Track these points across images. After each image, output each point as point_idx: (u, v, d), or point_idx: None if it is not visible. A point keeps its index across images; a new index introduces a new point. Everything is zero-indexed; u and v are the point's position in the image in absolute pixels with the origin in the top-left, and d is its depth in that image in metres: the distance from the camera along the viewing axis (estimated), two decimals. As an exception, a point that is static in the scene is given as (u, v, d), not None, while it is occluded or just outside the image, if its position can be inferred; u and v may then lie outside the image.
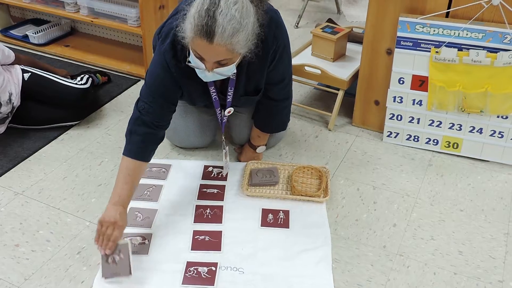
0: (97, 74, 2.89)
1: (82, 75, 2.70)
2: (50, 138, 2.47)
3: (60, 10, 3.17)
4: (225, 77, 1.81)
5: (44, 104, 2.50)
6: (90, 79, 2.68)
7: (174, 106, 1.96)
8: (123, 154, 1.85)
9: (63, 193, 2.14)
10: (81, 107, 2.58)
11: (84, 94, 2.54)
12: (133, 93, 2.89)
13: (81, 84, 2.55)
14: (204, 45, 1.62)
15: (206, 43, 1.60)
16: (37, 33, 3.37)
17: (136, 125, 1.87)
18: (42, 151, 2.39)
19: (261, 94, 2.08)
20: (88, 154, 2.38)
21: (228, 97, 2.01)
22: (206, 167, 2.26)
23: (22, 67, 2.50)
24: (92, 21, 3.07)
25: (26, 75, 2.46)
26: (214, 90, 2.00)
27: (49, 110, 2.50)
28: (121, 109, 2.72)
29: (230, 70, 1.76)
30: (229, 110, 2.07)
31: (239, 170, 2.25)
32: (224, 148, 2.18)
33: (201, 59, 1.69)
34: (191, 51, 1.70)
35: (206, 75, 1.76)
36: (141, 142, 1.86)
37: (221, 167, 2.26)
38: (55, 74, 2.60)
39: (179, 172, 2.24)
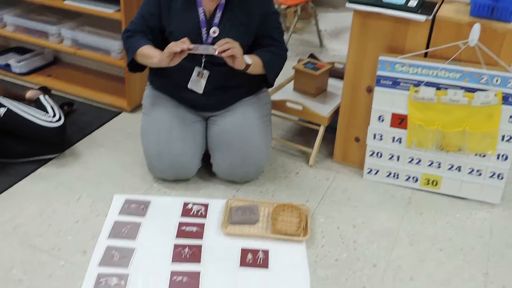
0: (65, 107, 2.89)
1: (52, 107, 2.60)
2: (28, 172, 2.44)
3: (44, 40, 3.16)
4: None
5: (21, 138, 2.46)
6: (60, 111, 2.59)
7: (151, 23, 2.28)
8: (136, 51, 2.23)
9: (39, 230, 2.11)
10: (58, 143, 2.56)
11: (60, 132, 2.49)
12: (114, 126, 2.87)
13: (56, 121, 2.48)
14: None
15: None
16: (20, 62, 3.36)
17: (128, 37, 2.29)
18: (18, 186, 2.35)
19: (248, 41, 2.29)
20: (66, 189, 2.35)
21: (216, 18, 2.22)
22: (185, 204, 2.24)
23: None
24: (75, 53, 3.07)
25: (2, 110, 2.41)
26: (202, 10, 2.22)
27: (27, 144, 2.47)
28: (101, 143, 2.70)
29: None
30: (214, 30, 2.23)
31: (219, 207, 2.23)
32: (202, 69, 2.28)
33: None
34: None
35: None
36: (141, 37, 2.27)
37: (201, 204, 2.25)
38: (24, 99, 2.62)
39: (158, 209, 2.22)
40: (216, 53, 2.10)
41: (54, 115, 2.51)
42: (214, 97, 2.34)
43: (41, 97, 2.66)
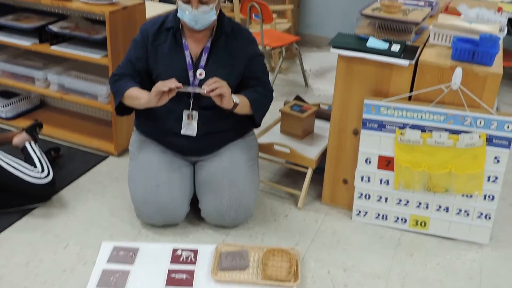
0: (52, 152, 2.87)
1: (39, 159, 2.54)
2: (13, 220, 2.40)
3: (30, 85, 3.17)
4: (210, 22, 2.20)
5: (7, 191, 2.41)
6: (48, 165, 2.53)
7: (139, 67, 2.31)
8: (123, 94, 2.25)
9: (25, 281, 2.06)
10: (46, 197, 2.53)
11: (48, 187, 2.46)
12: (102, 170, 2.86)
13: (45, 177, 2.43)
14: None
15: None
16: (6, 106, 3.35)
17: (115, 81, 2.31)
18: (3, 235, 2.32)
19: (234, 83, 2.31)
20: (52, 237, 2.32)
21: (202, 61, 2.26)
22: (174, 250, 2.22)
23: None
24: (62, 97, 3.07)
25: None
26: (189, 54, 2.27)
27: (11, 195, 2.42)
28: (88, 188, 2.68)
29: (212, 13, 2.17)
30: (200, 72, 2.26)
31: (208, 253, 2.22)
32: (190, 111, 2.29)
33: (187, 2, 2.13)
34: (178, 3, 2.17)
35: (195, 17, 2.15)
36: (128, 80, 2.29)
37: (191, 250, 2.23)
38: (9, 141, 2.64)
39: (147, 256, 2.20)
40: (205, 92, 2.12)
41: (43, 170, 2.45)
42: (202, 142, 2.34)
43: (27, 145, 2.63)
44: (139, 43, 2.32)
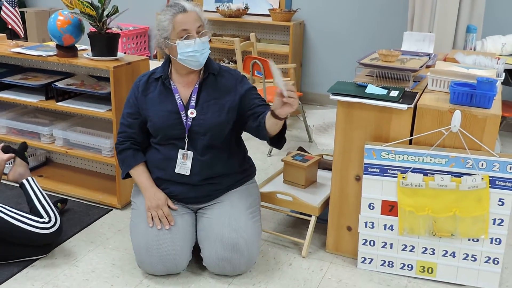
0: (58, 204, 2.87)
1: (44, 207, 2.50)
2: (14, 272, 2.37)
3: (36, 141, 3.21)
4: (207, 54, 2.30)
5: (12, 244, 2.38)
6: (54, 210, 2.50)
7: (135, 118, 2.41)
8: (129, 169, 2.41)
9: (23, 332, 2.02)
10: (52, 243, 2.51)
11: (55, 236, 2.44)
12: (105, 222, 2.84)
13: (50, 227, 2.40)
14: (183, 16, 2.23)
15: (183, 14, 2.23)
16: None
17: (120, 146, 2.43)
18: (4, 286, 2.28)
19: (227, 118, 2.34)
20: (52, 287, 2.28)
21: (192, 101, 2.33)
22: (176, 299, 2.18)
23: None
24: (66, 152, 3.11)
25: None
26: (179, 96, 2.34)
27: (14, 247, 2.40)
28: (91, 240, 2.66)
29: (208, 45, 2.29)
30: (192, 111, 2.31)
31: (210, 301, 2.17)
32: (186, 151, 2.35)
33: (188, 36, 2.23)
34: (178, 45, 2.23)
35: (200, 46, 2.23)
36: (131, 151, 2.41)
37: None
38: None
39: (147, 305, 2.15)
40: (285, 94, 2.02)
41: (50, 220, 2.42)
42: (201, 189, 2.35)
43: (26, 183, 2.59)
44: (130, 99, 2.43)
